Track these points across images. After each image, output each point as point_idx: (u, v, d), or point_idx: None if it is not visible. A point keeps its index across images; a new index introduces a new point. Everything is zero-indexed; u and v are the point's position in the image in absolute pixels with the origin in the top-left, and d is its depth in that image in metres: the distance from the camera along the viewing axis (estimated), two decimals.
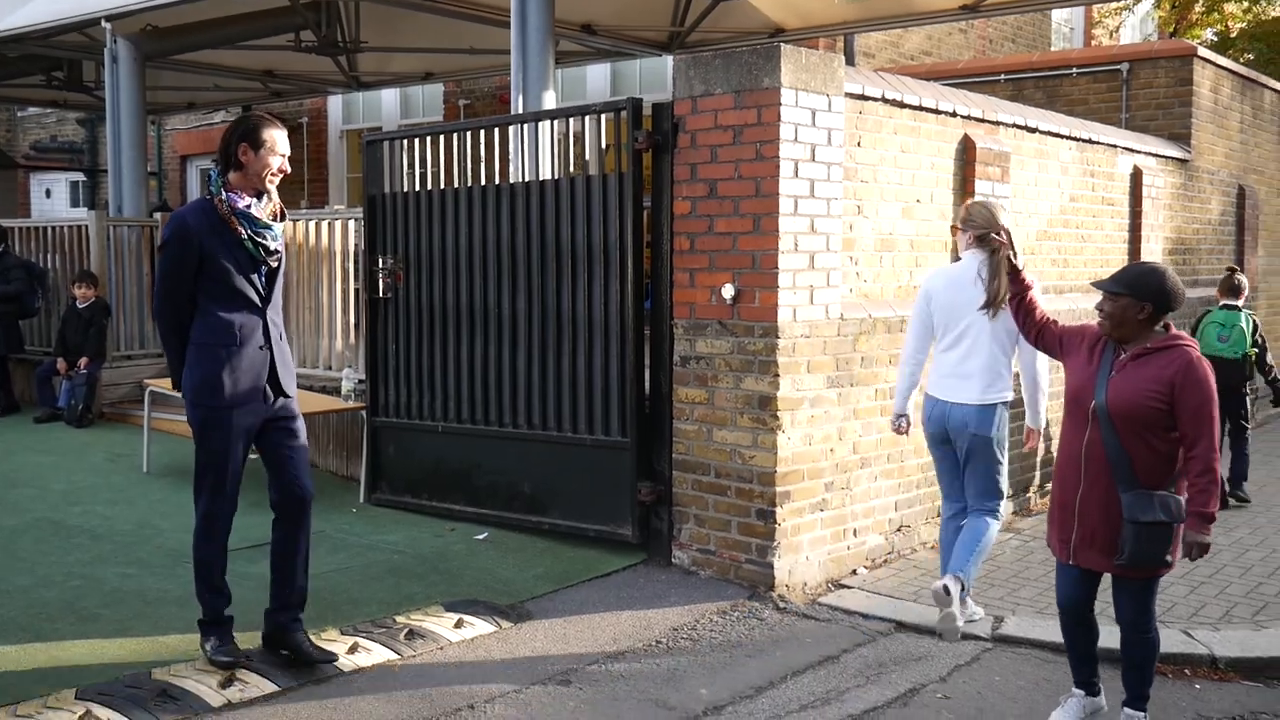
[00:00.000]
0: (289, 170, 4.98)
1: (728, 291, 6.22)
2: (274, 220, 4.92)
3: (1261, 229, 12.74)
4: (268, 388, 4.92)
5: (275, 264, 4.94)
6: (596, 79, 15.06)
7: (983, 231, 5.63)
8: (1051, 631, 5.81)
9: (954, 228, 6.83)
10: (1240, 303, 8.75)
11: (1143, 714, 4.66)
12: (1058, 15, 18.00)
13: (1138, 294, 4.47)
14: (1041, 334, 5.08)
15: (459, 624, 5.64)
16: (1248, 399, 8.78)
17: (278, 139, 4.89)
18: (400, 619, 5.65)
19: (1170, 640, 5.68)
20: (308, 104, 18.43)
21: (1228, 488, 8.47)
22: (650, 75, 14.30)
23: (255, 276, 4.87)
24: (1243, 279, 8.94)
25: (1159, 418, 4.38)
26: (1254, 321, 8.67)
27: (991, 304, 5.57)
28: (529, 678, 5.10)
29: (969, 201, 6.09)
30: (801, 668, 5.32)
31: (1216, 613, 6.10)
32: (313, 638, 5.14)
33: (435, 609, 5.83)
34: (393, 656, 5.25)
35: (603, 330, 6.79)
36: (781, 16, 12.04)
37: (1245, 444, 8.72)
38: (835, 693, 5.06)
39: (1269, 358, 8.72)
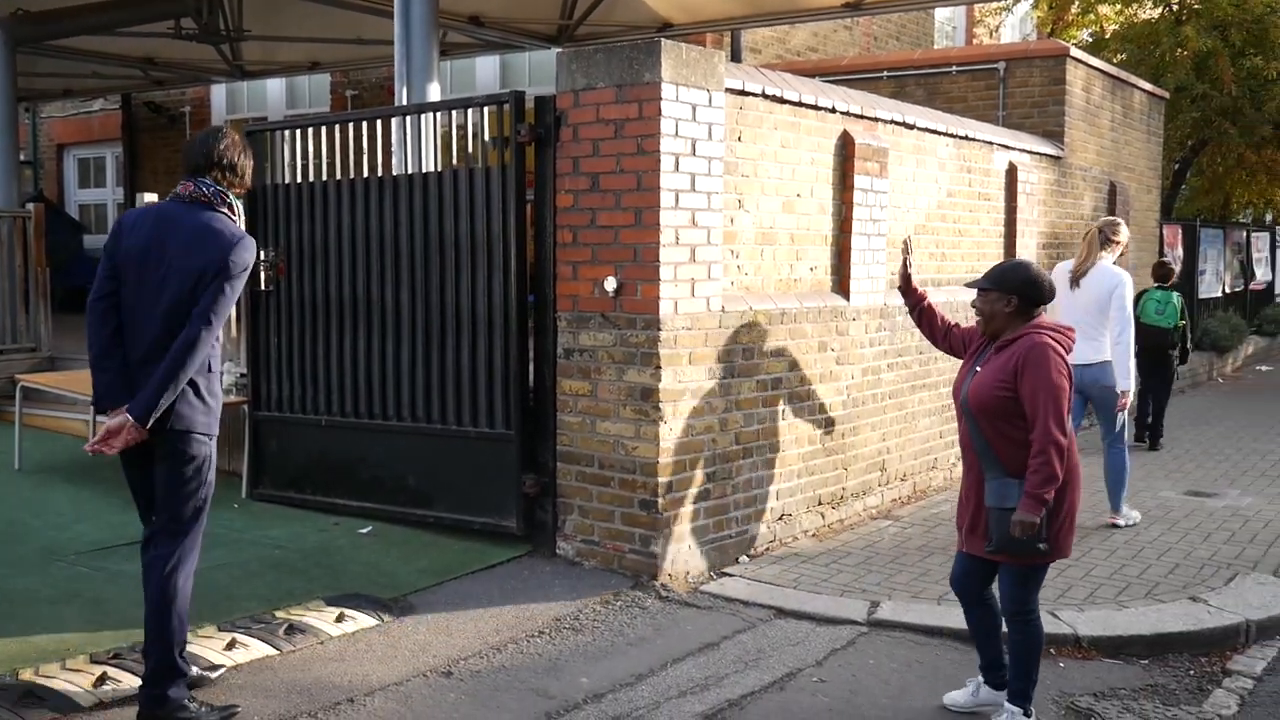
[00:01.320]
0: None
1: (610, 284, 6.27)
2: None
3: (1132, 224, 13.16)
4: None
5: None
6: (486, 71, 15.01)
7: None
8: (925, 615, 5.99)
9: None
10: (1170, 285, 10.87)
11: (1019, 709, 4.67)
12: (940, 14, 18.39)
13: (1002, 287, 4.66)
14: (947, 337, 5.38)
15: (340, 618, 5.61)
16: (1174, 362, 10.89)
17: None
18: (280, 614, 5.61)
19: None
20: (190, 93, 18.06)
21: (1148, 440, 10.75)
22: (540, 68, 14.29)
23: None
24: (1173, 266, 11.35)
25: (1009, 405, 4.52)
26: (1183, 301, 10.85)
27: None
28: (410, 670, 5.10)
29: None
30: (682, 655, 5.40)
31: (1082, 594, 6.33)
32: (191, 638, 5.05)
33: (316, 604, 5.80)
34: (271, 652, 5.20)
35: (486, 323, 6.79)
36: (669, 11, 12.13)
37: (1166, 400, 10.77)
38: (714, 678, 5.15)
39: (1189, 331, 11.15)
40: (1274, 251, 21.40)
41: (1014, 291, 4.63)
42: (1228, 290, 18.35)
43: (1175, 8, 17.33)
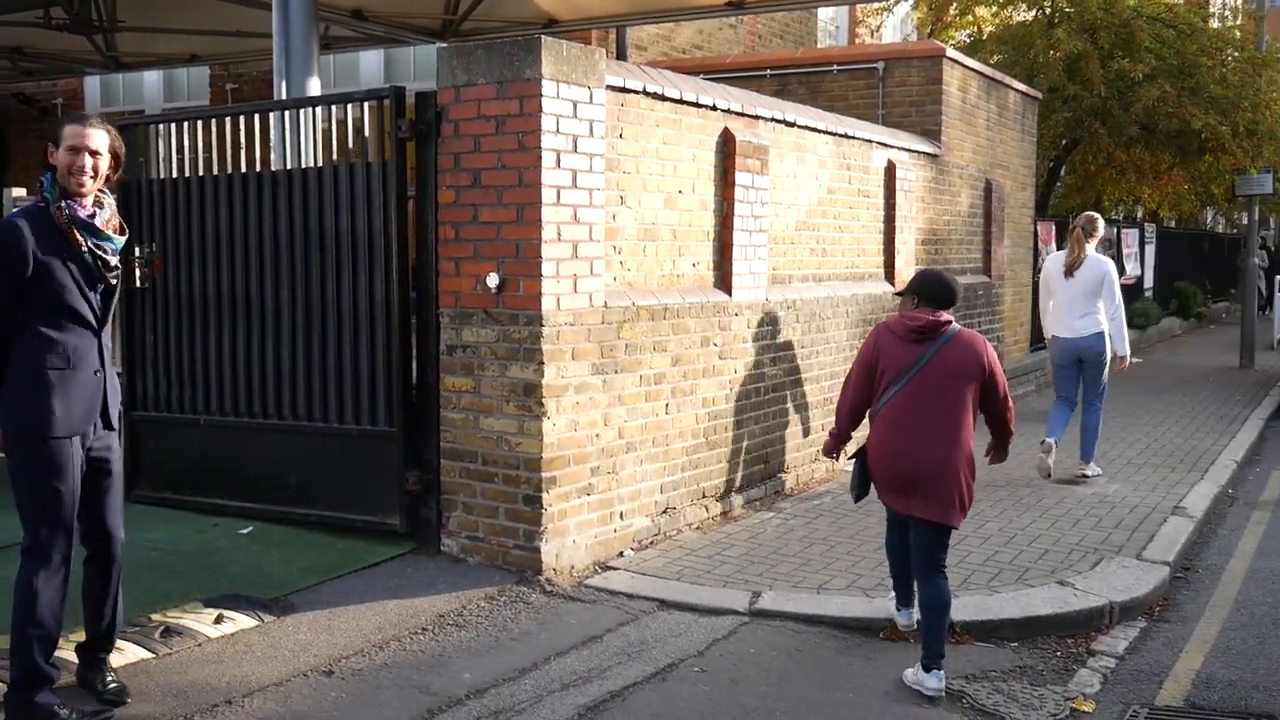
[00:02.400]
0: (100, 171, 4.42)
1: (492, 280, 6.28)
2: (115, 234, 4.50)
3: (1007, 221, 13.53)
4: (99, 417, 4.54)
5: (113, 281, 4.52)
6: (370, 66, 14.86)
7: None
8: (806, 604, 6.12)
9: None
10: None
11: (930, 674, 5.01)
12: (824, 13, 18.67)
13: (908, 290, 5.50)
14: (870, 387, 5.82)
15: (219, 619, 5.53)
16: None
17: (72, 133, 4.37)
18: (157, 617, 5.51)
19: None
20: (62, 85, 17.54)
21: None
22: (425, 63, 14.18)
23: (92, 294, 4.46)
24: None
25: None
26: None
27: None
28: (290, 670, 5.06)
29: None
30: (566, 648, 5.44)
31: (956, 580, 6.47)
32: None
33: (194, 605, 5.71)
34: (146, 655, 5.12)
35: (368, 320, 6.75)
36: (554, 8, 12.12)
37: None
38: (597, 671, 5.20)
39: None
40: (1143, 247, 22.15)
41: (913, 292, 5.44)
42: None
43: (1048, 11, 17.83)
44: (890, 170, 10.13)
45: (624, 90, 6.78)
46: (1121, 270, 20.47)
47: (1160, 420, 12.25)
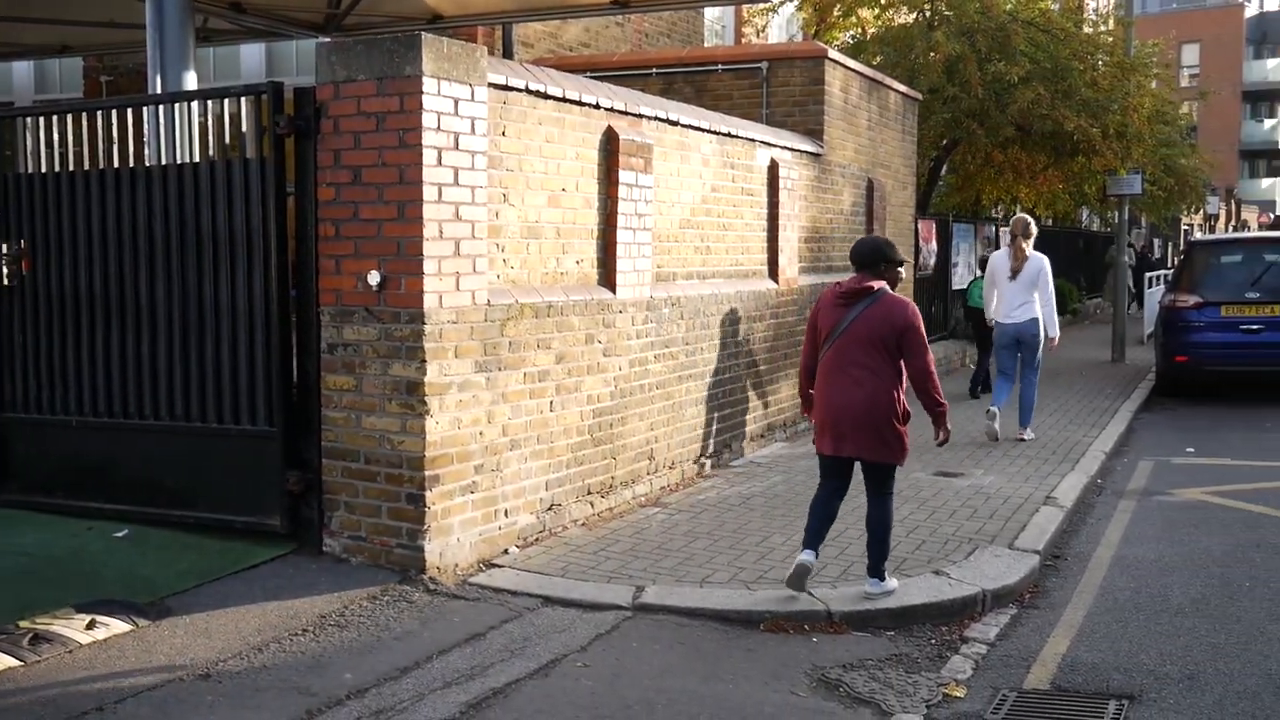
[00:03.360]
0: None
1: (373, 278, 6.23)
2: None
3: (889, 219, 13.80)
4: None
5: None
6: (252, 60, 14.60)
7: None
8: (689, 597, 6.19)
9: None
10: None
11: (873, 582, 6.19)
12: (710, 13, 18.83)
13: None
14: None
15: (91, 625, 5.41)
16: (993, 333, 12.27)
17: None
18: (25, 624, 5.37)
19: (792, 599, 6.17)
20: None
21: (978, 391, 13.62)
22: (309, 58, 13.96)
23: None
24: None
25: None
26: None
27: None
28: (166, 675, 4.97)
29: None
30: (448, 646, 5.43)
31: (836, 571, 6.64)
32: None
33: (66, 611, 5.57)
34: (14, 663, 4.99)
35: (247, 318, 6.66)
36: (439, 4, 12.03)
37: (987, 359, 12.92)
38: (480, 668, 5.20)
39: None
40: None
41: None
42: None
43: (928, 14, 18.23)
44: (773, 169, 10.27)
45: (507, 88, 6.78)
46: None
47: (1036, 413, 12.57)
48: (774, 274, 10.35)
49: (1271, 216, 59.48)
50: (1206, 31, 62.83)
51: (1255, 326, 13.91)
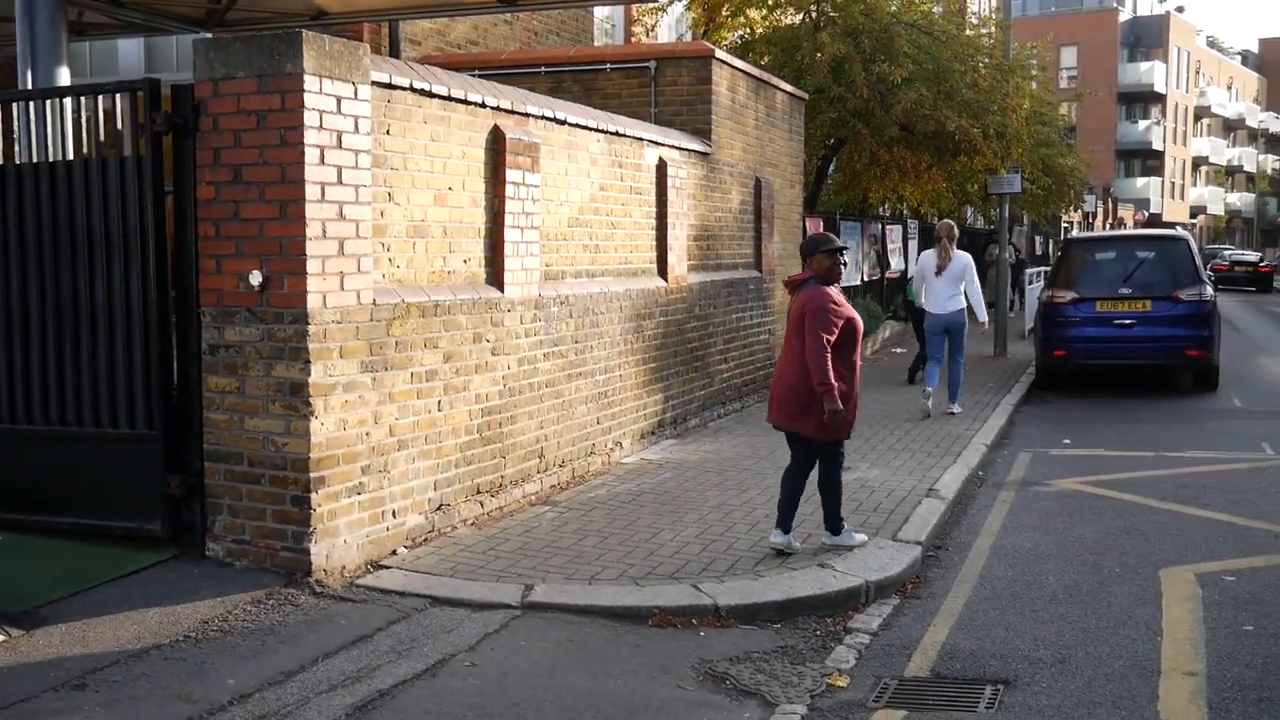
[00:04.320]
0: None
1: (255, 278, 6.15)
2: None
3: (777, 217, 13.99)
4: None
5: None
6: (129, 56, 14.25)
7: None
8: (578, 595, 6.22)
9: None
10: None
11: (829, 534, 7.01)
12: (600, 11, 18.85)
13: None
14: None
15: None
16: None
17: None
18: None
19: (680, 594, 6.24)
20: None
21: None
22: (190, 54, 13.66)
23: None
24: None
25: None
26: None
27: None
28: (39, 686, 4.86)
29: None
30: (334, 649, 5.39)
31: (724, 566, 6.73)
32: None
33: None
34: None
35: (124, 320, 6.52)
36: (325, 0, 11.89)
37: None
38: (366, 670, 5.17)
39: None
40: (906, 243, 23.22)
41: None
42: (866, 279, 19.80)
43: (814, 15, 18.49)
44: (662, 168, 10.35)
45: (391, 86, 6.74)
46: (886, 264, 21.47)
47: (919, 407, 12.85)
48: (663, 272, 10.43)
49: (1146, 214, 61.48)
50: (1083, 34, 64.71)
51: (1128, 321, 14.40)
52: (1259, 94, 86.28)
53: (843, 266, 7.06)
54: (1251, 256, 49.12)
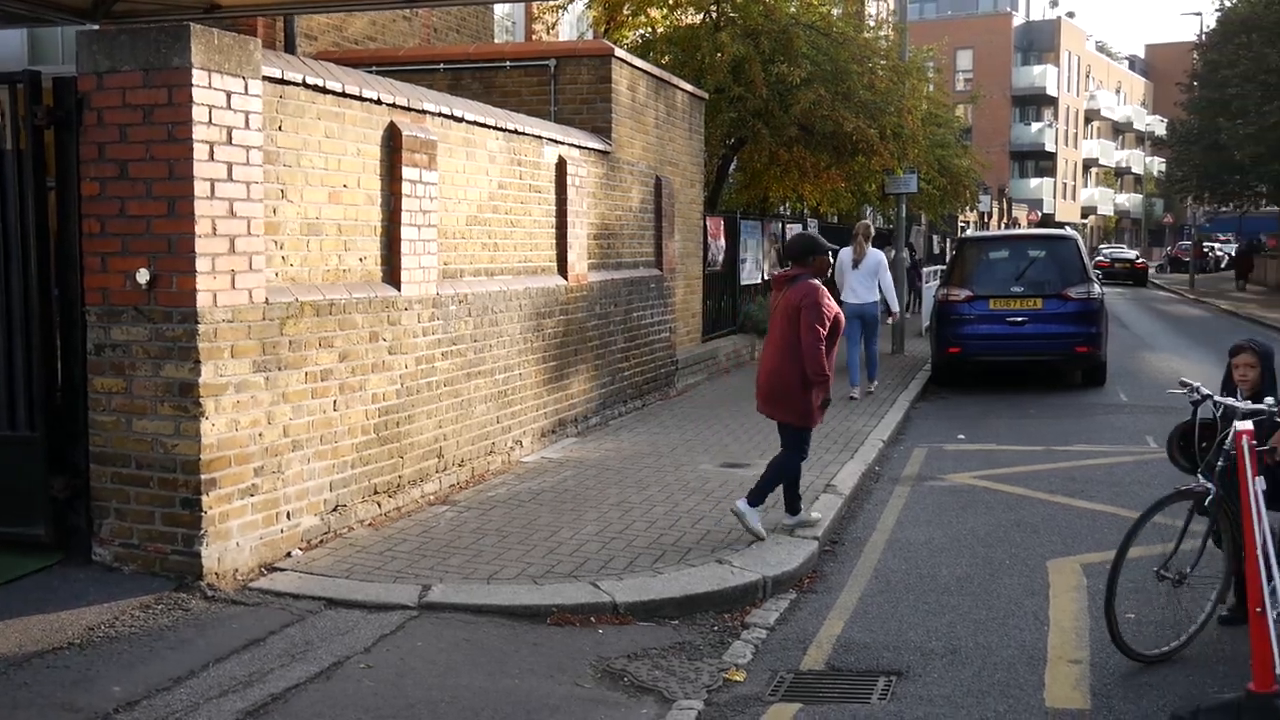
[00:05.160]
0: None
1: (143, 276, 6.01)
2: None
3: (677, 216, 14.05)
4: None
5: None
6: (11, 46, 13.83)
7: None
8: (475, 594, 6.19)
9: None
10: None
11: (747, 504, 7.27)
12: (500, 9, 18.75)
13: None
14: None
15: None
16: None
17: None
18: None
19: (578, 593, 6.24)
20: None
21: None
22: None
23: None
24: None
25: None
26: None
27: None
28: None
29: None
30: (225, 654, 5.29)
31: (623, 563, 6.74)
32: None
33: None
34: None
35: (4, 318, 6.33)
36: None
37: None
38: (258, 675, 5.09)
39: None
40: None
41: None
42: (766, 277, 19.92)
43: (714, 15, 18.59)
44: (561, 166, 10.33)
45: (283, 82, 6.64)
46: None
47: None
48: (563, 270, 10.41)
49: (1039, 214, 62.97)
50: (978, 38, 66.11)
51: (1020, 319, 14.74)
52: (1146, 98, 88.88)
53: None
54: (1130, 254, 52.56)
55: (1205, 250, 56.81)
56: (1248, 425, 5.08)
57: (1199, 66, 45.09)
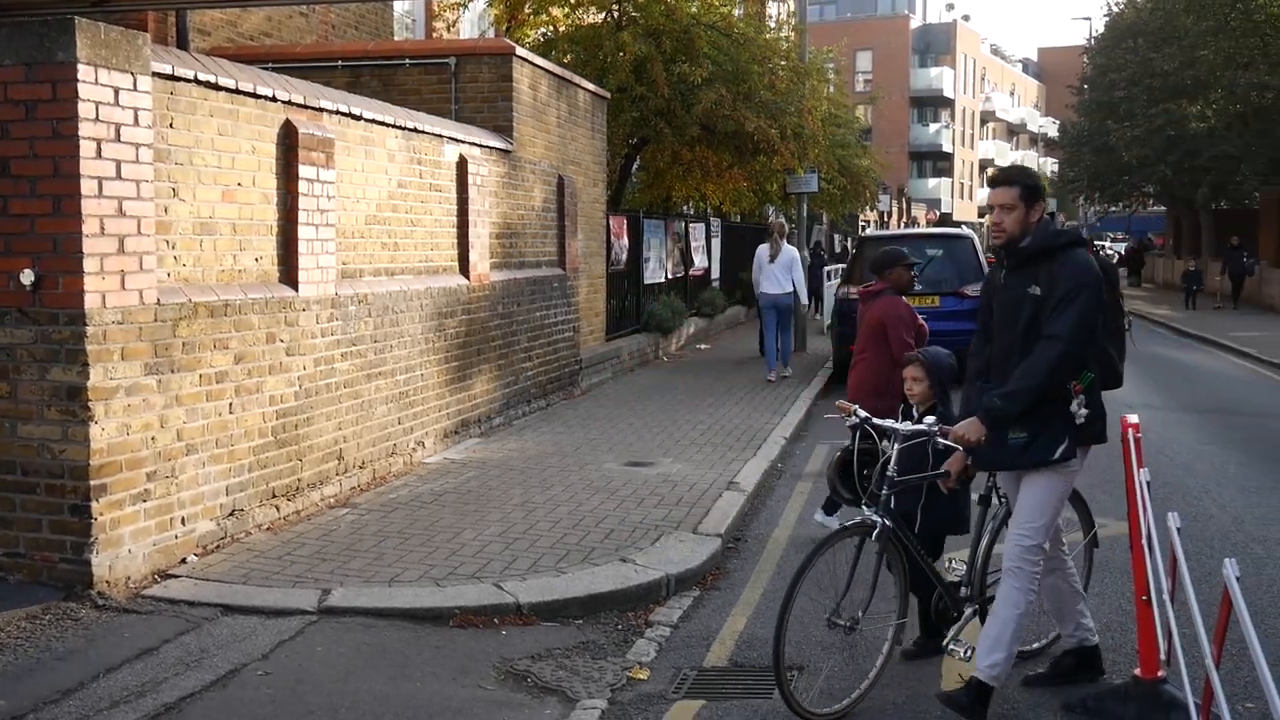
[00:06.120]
0: None
1: (27, 277, 5.84)
2: None
3: (580, 216, 14.04)
4: None
5: None
6: None
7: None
8: (376, 598, 6.12)
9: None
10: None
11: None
12: (400, 6, 18.55)
13: None
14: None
15: None
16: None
17: None
18: None
19: (482, 594, 6.21)
20: None
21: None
22: None
23: None
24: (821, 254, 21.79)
25: None
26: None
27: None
28: None
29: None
30: (117, 664, 5.16)
31: (526, 564, 6.71)
32: None
33: None
34: None
35: None
36: None
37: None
38: (152, 684, 4.97)
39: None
40: (709, 240, 23.59)
41: None
42: (670, 276, 20.02)
43: (616, 14, 18.61)
44: (462, 165, 10.26)
45: (174, 78, 6.49)
46: (690, 262, 21.77)
47: (722, 402, 13.11)
48: (465, 270, 10.34)
49: (938, 214, 64.08)
50: (877, 40, 67.02)
51: (920, 317, 14.94)
52: (1039, 100, 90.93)
53: (914, 277, 7.90)
54: None
55: (1096, 250, 58.24)
56: (1134, 419, 5.02)
57: (1088, 70, 46.31)
